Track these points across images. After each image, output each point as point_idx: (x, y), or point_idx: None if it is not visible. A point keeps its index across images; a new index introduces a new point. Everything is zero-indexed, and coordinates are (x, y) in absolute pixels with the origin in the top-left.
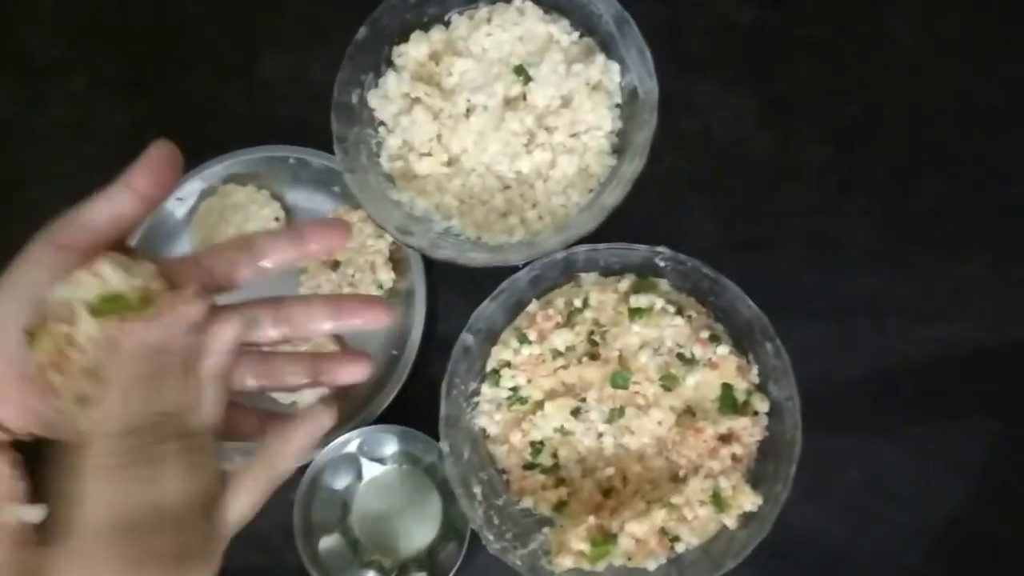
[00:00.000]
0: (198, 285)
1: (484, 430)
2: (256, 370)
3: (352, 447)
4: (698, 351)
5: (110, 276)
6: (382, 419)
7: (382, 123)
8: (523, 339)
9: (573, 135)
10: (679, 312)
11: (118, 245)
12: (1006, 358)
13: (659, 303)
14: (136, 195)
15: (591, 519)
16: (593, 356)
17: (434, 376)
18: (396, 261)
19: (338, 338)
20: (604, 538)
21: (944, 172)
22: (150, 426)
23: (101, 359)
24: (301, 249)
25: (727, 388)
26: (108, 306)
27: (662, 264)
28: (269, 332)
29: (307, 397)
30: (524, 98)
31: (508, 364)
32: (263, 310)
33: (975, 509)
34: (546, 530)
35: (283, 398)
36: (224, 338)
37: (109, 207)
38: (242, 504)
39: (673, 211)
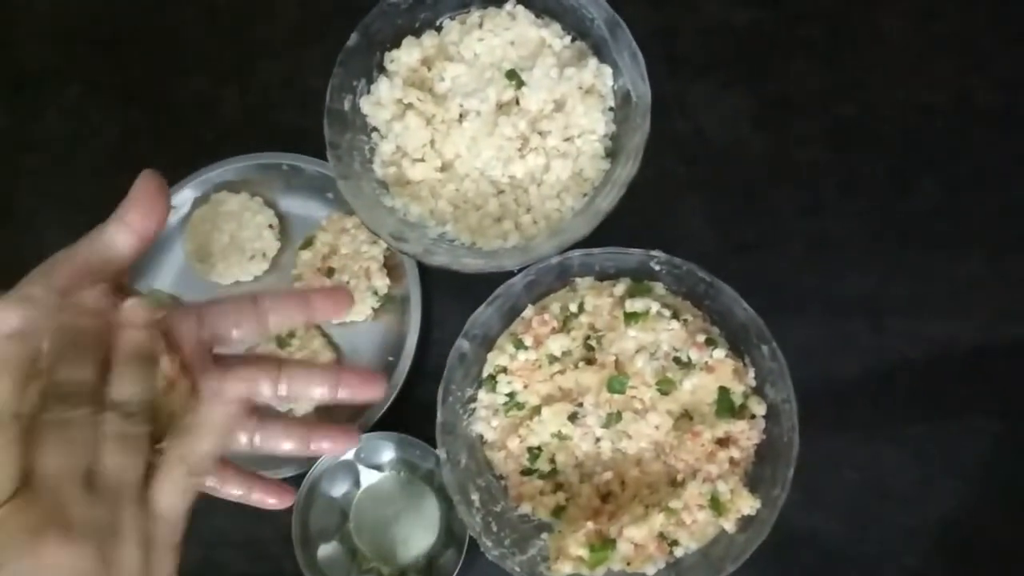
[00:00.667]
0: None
1: (481, 436)
2: (249, 429)
3: (349, 454)
4: (694, 355)
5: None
6: (379, 426)
7: (375, 129)
8: (519, 344)
9: (566, 139)
10: (675, 316)
11: (117, 282)
12: (1004, 357)
13: (655, 307)
14: (131, 231)
15: (589, 524)
16: (589, 361)
17: (430, 382)
18: (391, 267)
19: (334, 346)
20: (603, 543)
21: (941, 172)
22: (55, 396)
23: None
24: (305, 315)
25: (724, 391)
26: None
27: (657, 268)
28: (265, 391)
29: (304, 405)
30: (517, 103)
31: (504, 370)
32: (263, 371)
33: (974, 509)
34: (544, 536)
35: (282, 405)
36: (135, 315)
37: (107, 248)
38: (168, 492)
39: (668, 214)
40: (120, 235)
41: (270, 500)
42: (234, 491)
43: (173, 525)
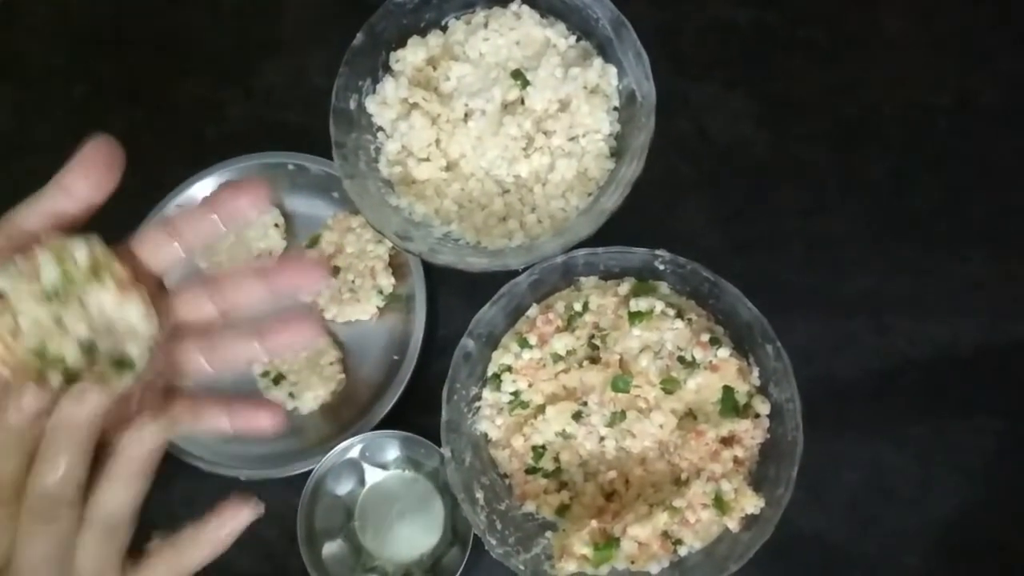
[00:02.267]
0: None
1: (486, 435)
2: (201, 348)
3: (354, 453)
4: (698, 354)
5: (47, 264)
6: (383, 424)
7: (380, 129)
8: (524, 343)
9: (571, 139)
10: (679, 315)
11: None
12: (1007, 356)
13: (659, 306)
14: (71, 197)
15: (593, 523)
16: (594, 360)
17: (435, 381)
18: (396, 266)
19: (339, 344)
20: (607, 542)
21: (943, 171)
22: None
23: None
24: (271, 284)
25: (728, 391)
26: (64, 285)
27: (662, 267)
28: (206, 308)
29: (309, 403)
30: (522, 102)
31: (509, 368)
32: (197, 287)
33: (977, 509)
34: (549, 534)
35: (287, 404)
36: (73, 414)
37: (41, 209)
38: (91, 547)
39: (672, 214)
40: (58, 199)
41: (261, 422)
42: (217, 422)
43: None
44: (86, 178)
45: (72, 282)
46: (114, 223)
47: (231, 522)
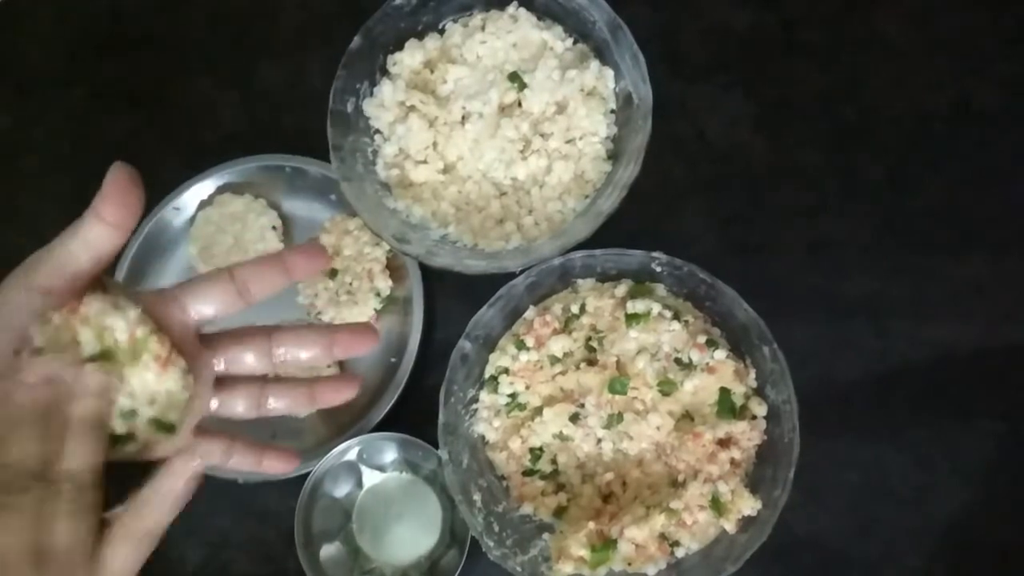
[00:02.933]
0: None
1: (483, 437)
2: (251, 400)
3: (352, 455)
4: (695, 356)
5: (100, 318)
6: (381, 427)
7: (378, 131)
8: (521, 345)
9: (568, 141)
10: (676, 317)
11: (95, 279)
12: (1006, 358)
13: (656, 308)
14: (108, 227)
15: (591, 525)
16: (591, 362)
17: (432, 383)
18: (393, 268)
19: None
20: (604, 543)
21: (941, 173)
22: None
23: None
24: (285, 276)
25: (725, 392)
26: (106, 357)
27: (658, 269)
28: (260, 363)
29: (303, 410)
30: (519, 105)
31: (506, 371)
32: (252, 343)
33: (976, 510)
34: (546, 536)
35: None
36: (89, 383)
37: (86, 245)
38: (122, 556)
39: (669, 216)
40: (96, 230)
41: (279, 466)
42: (244, 463)
43: None
44: (120, 205)
45: (112, 359)
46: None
47: (183, 474)
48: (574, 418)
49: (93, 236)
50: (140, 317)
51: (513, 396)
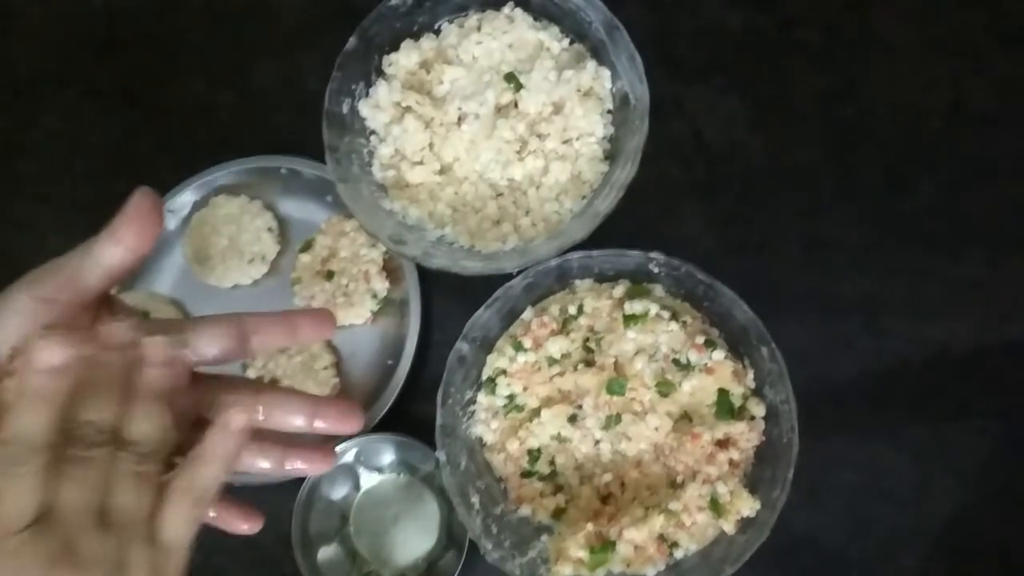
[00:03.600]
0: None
1: (481, 438)
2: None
3: (349, 457)
4: (693, 356)
5: None
6: (379, 428)
7: (373, 132)
8: (518, 347)
9: (565, 142)
10: (674, 318)
11: (102, 296)
12: (1003, 357)
13: (654, 309)
14: (124, 248)
15: (589, 526)
16: (589, 363)
17: (430, 385)
18: (390, 270)
19: (333, 349)
20: (603, 545)
21: (937, 172)
22: (77, 434)
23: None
24: (289, 338)
25: (723, 393)
26: None
27: (656, 270)
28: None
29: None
30: (515, 105)
31: (504, 372)
32: (243, 395)
33: (974, 510)
34: (544, 538)
35: None
36: (156, 352)
37: (98, 263)
38: (178, 518)
39: (666, 216)
40: (111, 250)
41: (243, 525)
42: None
43: (179, 555)
44: (139, 229)
45: None
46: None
47: (233, 429)
48: (572, 419)
49: (107, 257)
50: None
51: (511, 397)
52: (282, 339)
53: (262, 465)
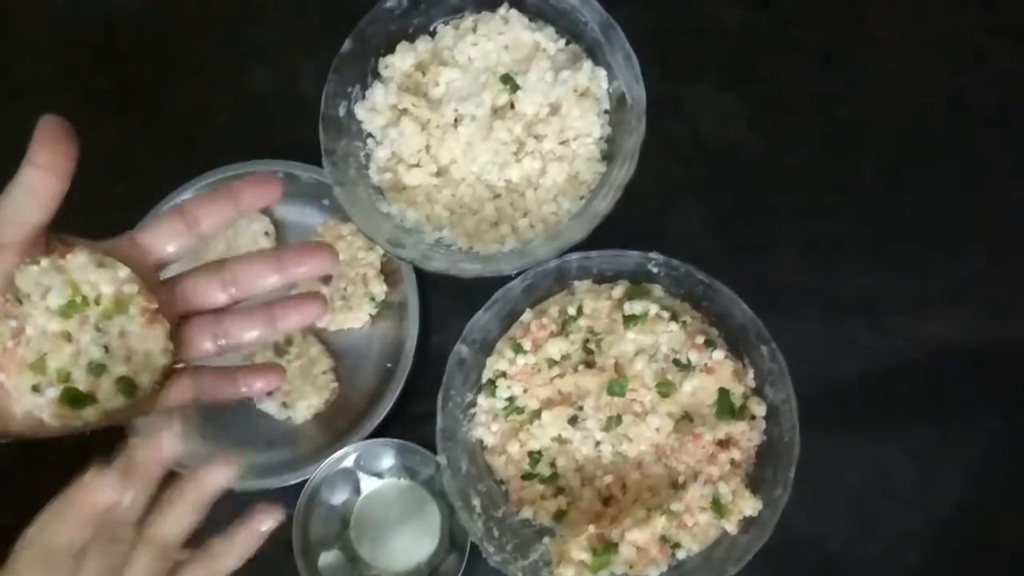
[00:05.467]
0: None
1: (481, 441)
2: (211, 332)
3: (349, 462)
4: (694, 357)
5: (81, 273)
6: (378, 433)
7: (370, 135)
8: (518, 349)
9: (562, 142)
10: (673, 318)
11: (47, 226)
12: (1004, 354)
13: (653, 309)
14: (44, 171)
15: (591, 528)
16: (589, 364)
17: (429, 388)
18: (388, 273)
19: (332, 352)
20: (605, 547)
21: (936, 170)
22: (106, 527)
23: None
24: (235, 207)
25: (724, 393)
26: (75, 308)
27: (655, 270)
28: (218, 296)
29: (303, 413)
30: (512, 106)
31: (504, 374)
32: (208, 274)
33: (976, 507)
34: (546, 540)
35: (280, 414)
36: (210, 481)
37: (29, 195)
38: None
39: (665, 216)
40: (33, 175)
41: (261, 382)
42: (219, 390)
43: None
44: (53, 150)
45: (87, 306)
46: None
47: (259, 530)
48: (573, 421)
49: (31, 181)
50: (129, 274)
51: (511, 400)
52: (229, 210)
53: (252, 334)
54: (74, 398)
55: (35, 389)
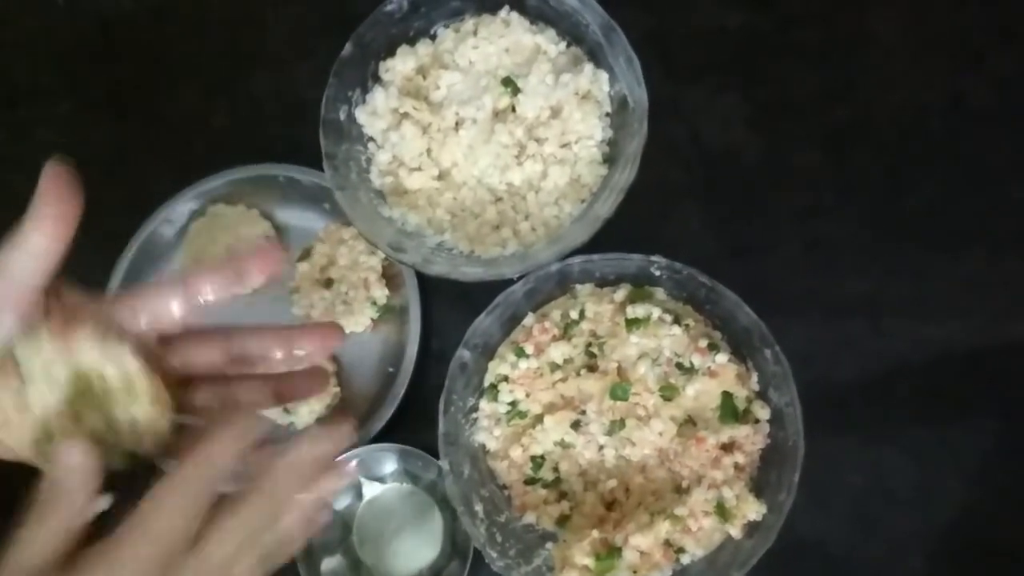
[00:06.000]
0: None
1: (484, 446)
2: (218, 397)
3: (351, 467)
4: (697, 360)
5: (87, 357)
6: (380, 437)
7: (371, 139)
8: (520, 353)
9: (564, 145)
10: (676, 321)
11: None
12: (1005, 356)
13: (656, 313)
14: (52, 237)
15: (594, 533)
16: (591, 368)
17: (431, 393)
18: (389, 277)
19: (333, 357)
20: (608, 552)
21: (937, 171)
22: None
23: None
24: (240, 283)
25: (727, 396)
26: (81, 395)
27: (658, 273)
28: (220, 362)
29: (305, 418)
30: (513, 110)
31: (506, 378)
32: (214, 342)
33: (978, 510)
34: (549, 545)
35: (282, 419)
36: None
37: (32, 258)
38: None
39: (667, 219)
40: (43, 244)
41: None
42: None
43: None
44: (60, 211)
45: (92, 392)
46: (103, 236)
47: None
48: (575, 425)
49: (35, 245)
50: (136, 358)
51: (513, 404)
52: (232, 285)
53: (256, 403)
54: None
55: (36, 443)
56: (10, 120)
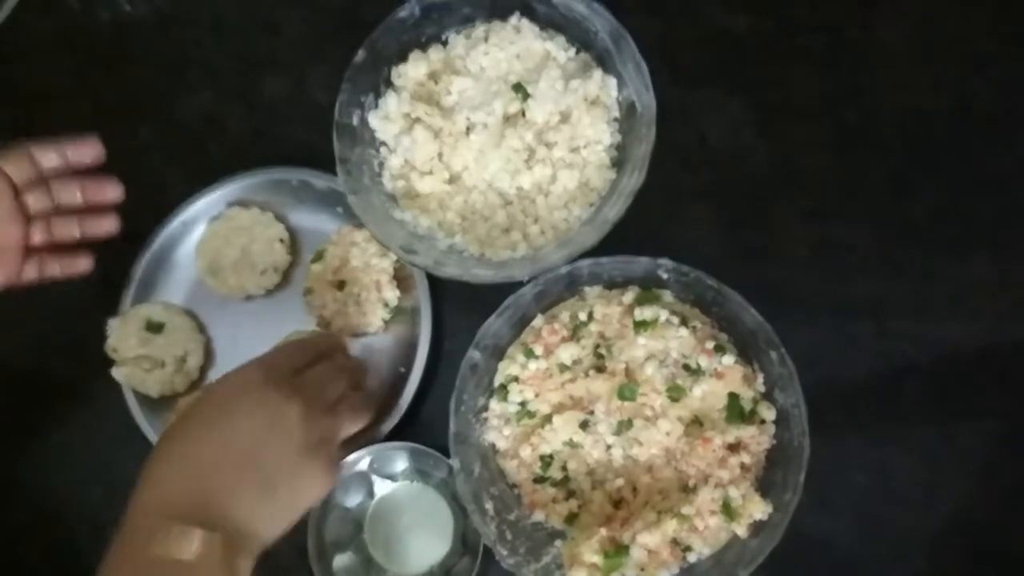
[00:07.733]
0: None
1: (494, 445)
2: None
3: (363, 465)
4: (704, 361)
5: None
6: (392, 436)
7: (383, 143)
8: (530, 354)
9: (573, 150)
10: (683, 323)
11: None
12: (1010, 358)
13: (663, 315)
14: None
15: (603, 531)
16: (599, 369)
17: (442, 393)
18: (401, 279)
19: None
20: (616, 550)
21: (943, 175)
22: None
23: None
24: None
25: (733, 397)
26: None
27: (665, 276)
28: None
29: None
30: (523, 115)
31: (516, 379)
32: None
33: (984, 510)
34: (558, 543)
35: None
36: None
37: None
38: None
39: (674, 222)
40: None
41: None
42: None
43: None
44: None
45: None
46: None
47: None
48: (584, 425)
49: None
50: None
51: (523, 404)
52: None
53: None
54: None
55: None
56: (27, 125)
